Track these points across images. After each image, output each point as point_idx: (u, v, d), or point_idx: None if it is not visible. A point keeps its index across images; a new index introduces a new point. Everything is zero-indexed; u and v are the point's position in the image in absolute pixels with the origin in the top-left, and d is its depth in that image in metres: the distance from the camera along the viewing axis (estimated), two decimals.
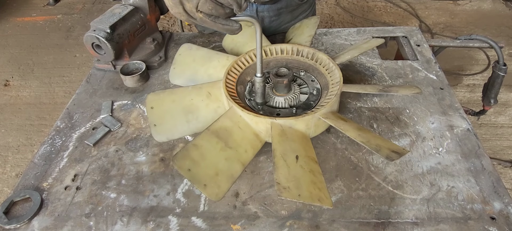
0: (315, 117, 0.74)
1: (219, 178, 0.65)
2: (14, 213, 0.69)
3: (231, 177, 0.66)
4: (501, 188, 0.68)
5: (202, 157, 0.66)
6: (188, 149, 0.67)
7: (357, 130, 0.71)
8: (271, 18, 1.21)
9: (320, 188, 0.63)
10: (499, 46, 1.08)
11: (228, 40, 1.06)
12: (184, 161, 0.65)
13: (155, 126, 0.79)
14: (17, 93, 2.53)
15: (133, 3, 1.04)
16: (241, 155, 0.70)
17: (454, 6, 3.22)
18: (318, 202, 0.60)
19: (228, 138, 0.71)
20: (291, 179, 0.63)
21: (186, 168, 0.63)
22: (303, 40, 0.96)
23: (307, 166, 0.66)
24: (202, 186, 0.62)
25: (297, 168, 0.65)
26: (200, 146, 0.68)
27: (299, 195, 0.60)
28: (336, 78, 0.82)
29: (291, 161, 0.66)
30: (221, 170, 0.66)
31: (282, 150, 0.68)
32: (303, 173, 0.65)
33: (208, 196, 0.62)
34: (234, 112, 0.76)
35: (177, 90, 0.86)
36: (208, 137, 0.70)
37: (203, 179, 0.63)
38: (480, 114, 1.34)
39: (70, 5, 3.62)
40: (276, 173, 0.63)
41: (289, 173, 0.64)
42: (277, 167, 0.64)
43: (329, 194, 0.62)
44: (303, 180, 0.63)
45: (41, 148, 0.82)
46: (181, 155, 0.65)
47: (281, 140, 0.70)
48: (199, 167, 0.65)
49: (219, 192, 0.63)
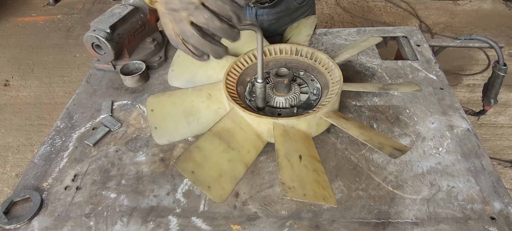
0: (316, 116, 0.74)
1: (222, 179, 0.64)
2: (14, 213, 0.69)
3: (234, 178, 0.65)
4: (501, 188, 0.68)
5: (205, 159, 0.66)
6: (191, 151, 0.66)
7: (359, 128, 0.71)
8: (270, 21, 1.21)
9: (324, 187, 0.63)
10: (499, 46, 1.08)
11: (226, 40, 1.05)
12: (187, 163, 0.64)
13: (156, 129, 0.79)
14: (17, 93, 2.53)
15: (133, 3, 1.04)
16: (243, 156, 0.70)
17: (454, 6, 3.22)
18: (323, 201, 0.60)
19: (230, 139, 0.71)
20: (295, 179, 0.62)
21: (190, 170, 0.63)
22: (302, 39, 0.96)
23: (311, 165, 0.67)
24: (206, 188, 0.62)
25: (301, 168, 0.65)
26: (202, 148, 0.68)
27: (304, 195, 0.60)
28: (336, 77, 0.82)
29: (294, 161, 0.66)
30: (225, 172, 0.66)
31: (285, 150, 0.68)
32: (307, 172, 0.65)
33: (212, 198, 0.61)
34: (236, 113, 0.76)
35: (177, 92, 0.86)
36: (211, 139, 0.70)
37: (206, 181, 0.63)
38: (480, 114, 1.34)
39: (70, 5, 3.62)
40: (280, 173, 0.63)
41: (293, 173, 0.64)
42: (281, 167, 0.64)
43: (333, 192, 0.62)
44: (307, 179, 0.63)
45: (41, 148, 0.82)
46: (184, 157, 0.65)
47: (284, 140, 0.70)
48: (203, 169, 0.65)
49: (223, 194, 0.62)
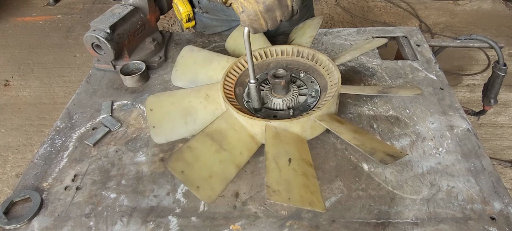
0: (310, 119, 0.73)
1: (212, 180, 0.64)
2: (14, 213, 0.69)
3: (225, 179, 0.66)
4: (501, 188, 0.68)
5: (196, 159, 0.66)
6: (182, 151, 0.67)
7: (352, 132, 0.71)
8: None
9: (313, 192, 0.62)
10: (499, 46, 1.08)
11: (230, 41, 1.06)
12: (177, 162, 0.65)
13: (154, 128, 0.79)
14: (17, 93, 2.53)
15: (133, 3, 1.04)
16: (236, 157, 0.70)
17: (454, 6, 3.22)
18: (309, 206, 0.59)
19: (222, 140, 0.71)
20: (282, 182, 0.62)
21: (180, 170, 0.64)
22: (304, 41, 0.96)
23: (301, 169, 0.66)
24: (195, 188, 0.62)
25: (289, 171, 0.65)
26: (194, 148, 0.68)
27: (289, 199, 0.59)
28: (335, 80, 0.81)
29: (283, 164, 0.66)
30: (215, 172, 0.66)
31: (275, 152, 0.67)
32: (295, 176, 0.64)
33: (201, 198, 0.62)
34: (230, 114, 0.76)
35: (176, 92, 0.86)
36: (203, 139, 0.70)
37: (196, 181, 0.63)
38: (480, 114, 1.33)
39: (70, 5, 3.61)
40: (266, 176, 0.63)
41: (280, 176, 0.63)
42: (268, 170, 0.64)
43: (322, 197, 0.62)
44: (294, 183, 0.63)
45: (41, 148, 0.82)
46: (175, 157, 0.66)
47: (274, 142, 0.69)
48: (193, 169, 0.65)
49: (212, 194, 0.63)
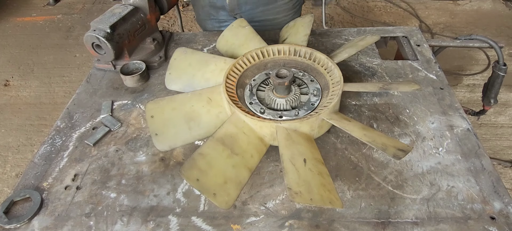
0: (319, 118, 0.73)
1: (228, 185, 0.64)
2: (14, 213, 0.69)
3: (239, 184, 0.65)
4: (501, 188, 0.68)
5: (209, 166, 0.65)
6: (195, 158, 0.66)
7: (362, 129, 0.71)
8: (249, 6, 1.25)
9: (330, 190, 0.62)
10: (499, 46, 1.08)
11: (222, 42, 1.03)
12: (191, 170, 0.63)
13: (156, 135, 0.76)
14: (17, 93, 2.53)
15: (133, 3, 1.04)
16: (247, 161, 0.69)
17: (454, 6, 3.22)
18: (330, 205, 0.59)
19: (233, 145, 0.70)
20: (302, 184, 0.62)
21: (195, 178, 0.62)
22: (299, 40, 0.94)
23: (316, 169, 0.66)
24: (212, 195, 0.61)
25: (306, 172, 0.65)
26: (206, 155, 0.67)
27: (311, 199, 0.59)
28: (336, 78, 0.81)
29: (299, 165, 0.65)
30: (229, 178, 0.65)
31: (290, 154, 0.67)
32: (313, 176, 0.64)
33: (218, 204, 0.61)
34: (238, 118, 0.75)
35: (176, 97, 0.84)
36: (214, 145, 0.69)
37: (212, 188, 0.62)
38: (480, 114, 1.34)
39: (70, 5, 3.61)
40: (286, 178, 0.62)
41: (299, 178, 0.63)
42: (287, 172, 0.63)
43: (338, 195, 0.62)
44: (313, 183, 0.63)
45: (41, 147, 0.82)
46: (188, 165, 0.64)
47: (288, 143, 0.69)
48: (207, 176, 0.64)
49: (229, 200, 0.62)
